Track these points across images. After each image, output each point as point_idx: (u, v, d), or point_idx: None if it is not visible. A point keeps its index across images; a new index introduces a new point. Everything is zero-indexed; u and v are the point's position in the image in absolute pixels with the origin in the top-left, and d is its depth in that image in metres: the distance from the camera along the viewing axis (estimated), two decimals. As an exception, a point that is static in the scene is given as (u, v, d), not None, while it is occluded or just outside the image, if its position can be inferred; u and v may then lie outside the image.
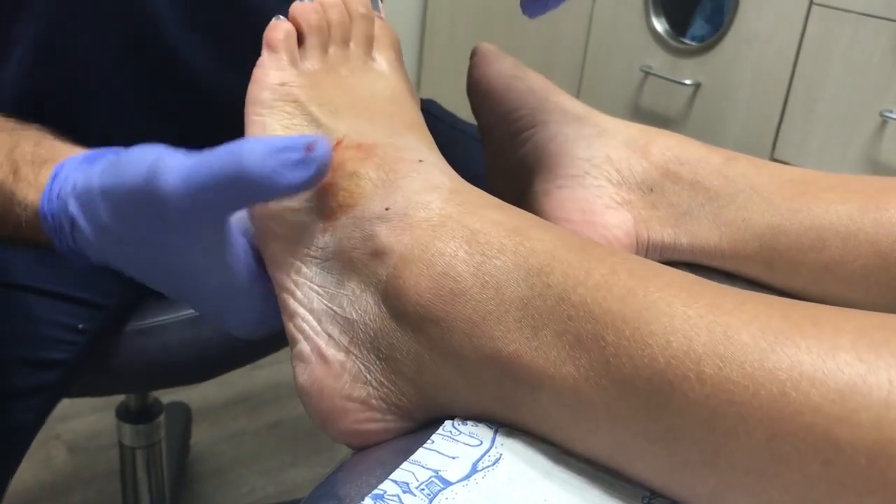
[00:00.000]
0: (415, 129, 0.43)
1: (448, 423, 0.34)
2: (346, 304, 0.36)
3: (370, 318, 0.36)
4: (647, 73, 1.48)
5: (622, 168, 0.49)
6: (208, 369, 0.75)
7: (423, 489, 0.30)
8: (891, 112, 1.15)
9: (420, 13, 2.04)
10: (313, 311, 0.37)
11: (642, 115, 1.51)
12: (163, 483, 0.97)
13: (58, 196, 0.40)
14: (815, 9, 1.23)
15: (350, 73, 0.44)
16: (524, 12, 0.46)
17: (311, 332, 0.37)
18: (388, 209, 0.37)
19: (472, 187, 0.39)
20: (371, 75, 0.45)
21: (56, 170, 0.41)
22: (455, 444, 0.33)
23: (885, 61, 1.15)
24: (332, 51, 0.44)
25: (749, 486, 0.27)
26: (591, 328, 0.30)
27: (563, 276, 0.32)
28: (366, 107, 0.42)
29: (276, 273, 0.38)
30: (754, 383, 0.27)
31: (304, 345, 0.37)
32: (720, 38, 1.37)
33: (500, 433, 0.33)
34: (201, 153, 0.35)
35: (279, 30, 0.43)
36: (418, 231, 0.35)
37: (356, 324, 0.36)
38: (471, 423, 0.34)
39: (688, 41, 1.44)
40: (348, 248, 0.37)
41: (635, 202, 0.48)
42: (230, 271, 0.38)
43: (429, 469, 0.31)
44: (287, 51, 0.43)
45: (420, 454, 0.32)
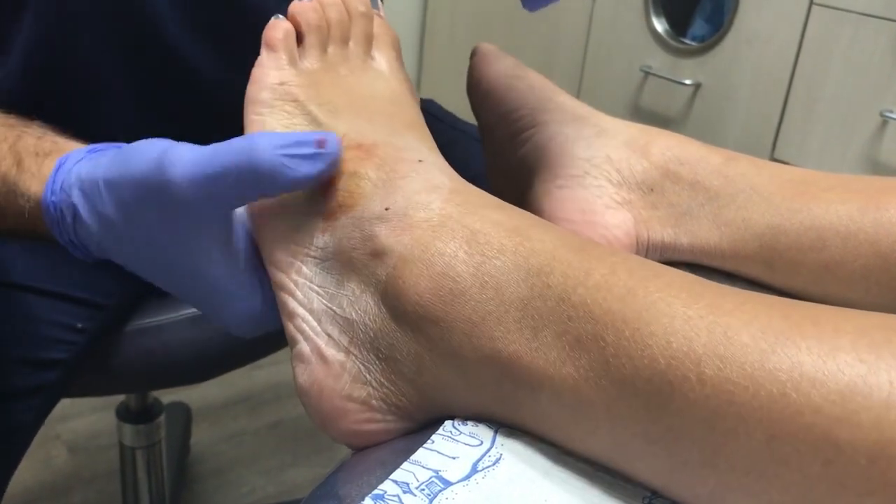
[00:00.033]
0: (415, 129, 0.43)
1: (448, 424, 0.34)
2: (345, 305, 0.36)
3: (370, 319, 0.36)
4: (647, 73, 1.48)
5: (622, 168, 0.49)
6: (208, 369, 0.75)
7: (424, 489, 0.30)
8: (891, 112, 1.14)
9: (420, 13, 2.04)
10: (313, 311, 0.37)
11: (642, 115, 1.51)
12: (163, 483, 0.97)
13: (61, 187, 0.40)
14: (815, 9, 1.23)
15: (349, 72, 0.44)
16: (524, 6, 0.46)
17: (311, 333, 0.37)
18: (387, 209, 0.37)
19: (472, 187, 0.39)
20: (370, 74, 0.45)
21: (60, 161, 0.41)
22: (455, 445, 0.33)
23: (885, 61, 1.15)
24: (331, 50, 0.44)
25: (749, 486, 0.27)
26: (591, 329, 0.30)
27: (563, 276, 0.32)
28: (365, 106, 0.42)
29: (275, 273, 0.38)
30: (754, 384, 0.27)
31: (303, 345, 0.37)
32: (720, 38, 1.37)
33: (500, 433, 0.33)
34: (210, 145, 0.36)
35: (278, 29, 0.43)
36: (418, 231, 0.35)
37: (356, 324, 0.36)
38: (471, 423, 0.34)
39: (688, 41, 1.44)
40: (348, 248, 0.37)
41: (635, 202, 0.48)
42: (232, 260, 0.39)
43: (429, 469, 0.31)
44: (286, 50, 0.43)
45: (420, 454, 0.32)
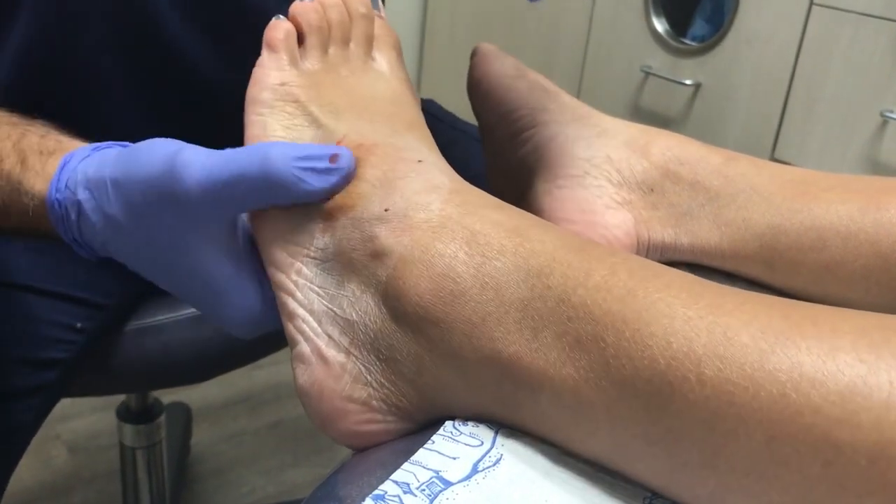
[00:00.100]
0: (415, 129, 0.43)
1: (448, 424, 0.34)
2: (346, 306, 0.36)
3: (370, 320, 0.36)
4: (647, 73, 1.48)
5: (622, 168, 0.49)
6: (208, 369, 0.75)
7: (424, 489, 0.30)
8: (891, 112, 1.14)
9: (420, 13, 2.04)
10: (313, 312, 0.37)
11: (642, 115, 1.51)
12: (163, 483, 0.97)
13: (66, 185, 0.40)
14: (815, 9, 1.23)
15: (350, 73, 0.44)
16: None
17: (312, 334, 0.37)
18: (387, 210, 0.37)
19: (472, 187, 0.39)
20: (371, 75, 0.45)
21: (65, 159, 0.41)
22: (456, 445, 0.33)
23: (885, 61, 1.15)
24: (332, 51, 0.44)
25: (749, 487, 0.27)
26: (591, 329, 0.30)
27: (563, 277, 0.32)
28: (366, 107, 0.42)
29: (275, 273, 0.38)
30: (754, 384, 0.27)
31: (304, 346, 0.37)
32: (720, 39, 1.37)
33: (500, 434, 0.33)
34: (224, 150, 0.36)
35: (279, 29, 0.43)
36: (418, 232, 0.35)
37: (356, 325, 0.36)
38: (471, 423, 0.34)
39: (688, 41, 1.44)
40: (348, 249, 0.37)
41: (635, 202, 0.48)
42: (232, 260, 0.39)
43: (429, 469, 0.31)
44: (287, 51, 0.43)
45: (421, 455, 0.32)
